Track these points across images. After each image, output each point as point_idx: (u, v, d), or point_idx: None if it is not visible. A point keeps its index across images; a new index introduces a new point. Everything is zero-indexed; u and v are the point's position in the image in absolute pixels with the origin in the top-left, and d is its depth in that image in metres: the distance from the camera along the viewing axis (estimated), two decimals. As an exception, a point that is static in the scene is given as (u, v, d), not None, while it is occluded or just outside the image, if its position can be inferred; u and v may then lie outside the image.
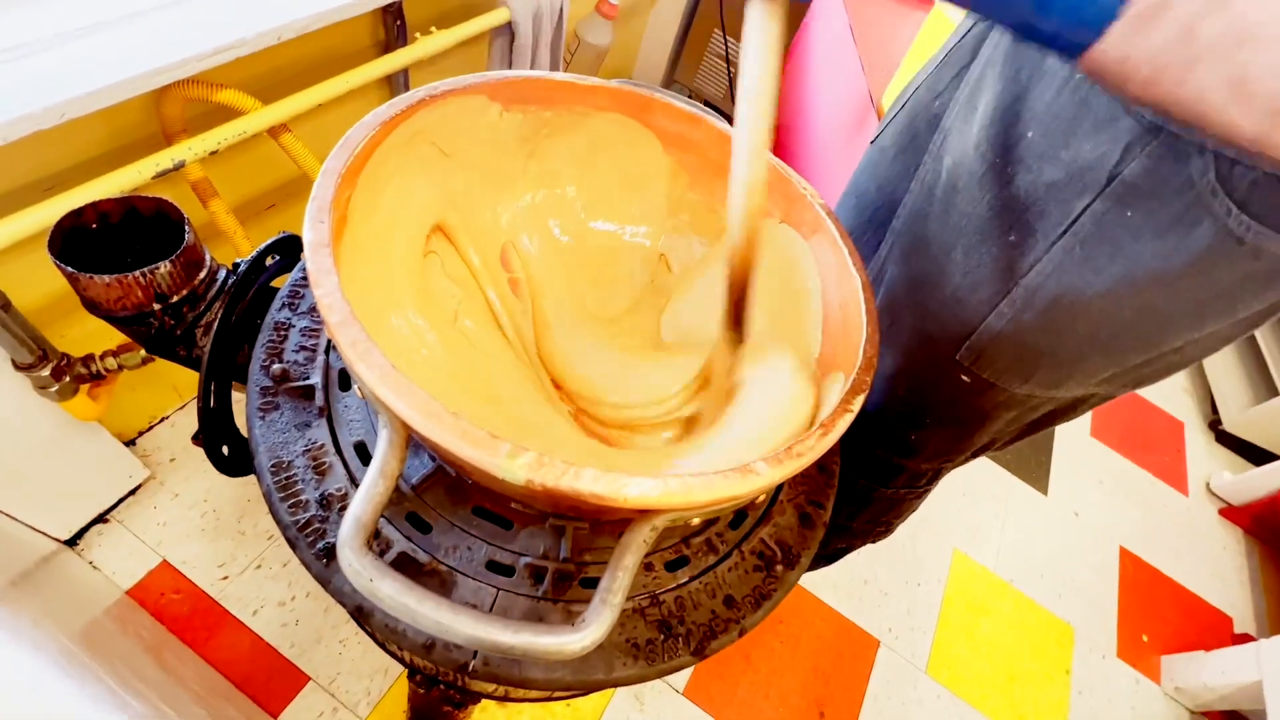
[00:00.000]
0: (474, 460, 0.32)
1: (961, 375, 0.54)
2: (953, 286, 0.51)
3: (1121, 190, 0.40)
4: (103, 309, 0.52)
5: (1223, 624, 1.36)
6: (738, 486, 0.35)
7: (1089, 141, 0.41)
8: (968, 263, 0.50)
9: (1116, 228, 0.41)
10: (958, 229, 0.50)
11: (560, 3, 1.08)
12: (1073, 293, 0.44)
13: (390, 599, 0.31)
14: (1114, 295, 0.43)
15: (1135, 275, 0.41)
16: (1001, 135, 0.46)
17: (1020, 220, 0.45)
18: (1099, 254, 0.42)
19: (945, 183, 0.52)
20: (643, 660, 0.45)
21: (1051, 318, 0.46)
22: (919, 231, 0.55)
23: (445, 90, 0.51)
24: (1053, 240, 0.44)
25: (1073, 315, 0.45)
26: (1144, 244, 0.40)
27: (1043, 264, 0.45)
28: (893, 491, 0.71)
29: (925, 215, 0.54)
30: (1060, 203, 0.43)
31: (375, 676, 0.92)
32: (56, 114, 0.55)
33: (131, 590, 0.91)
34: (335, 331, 0.35)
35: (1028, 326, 0.48)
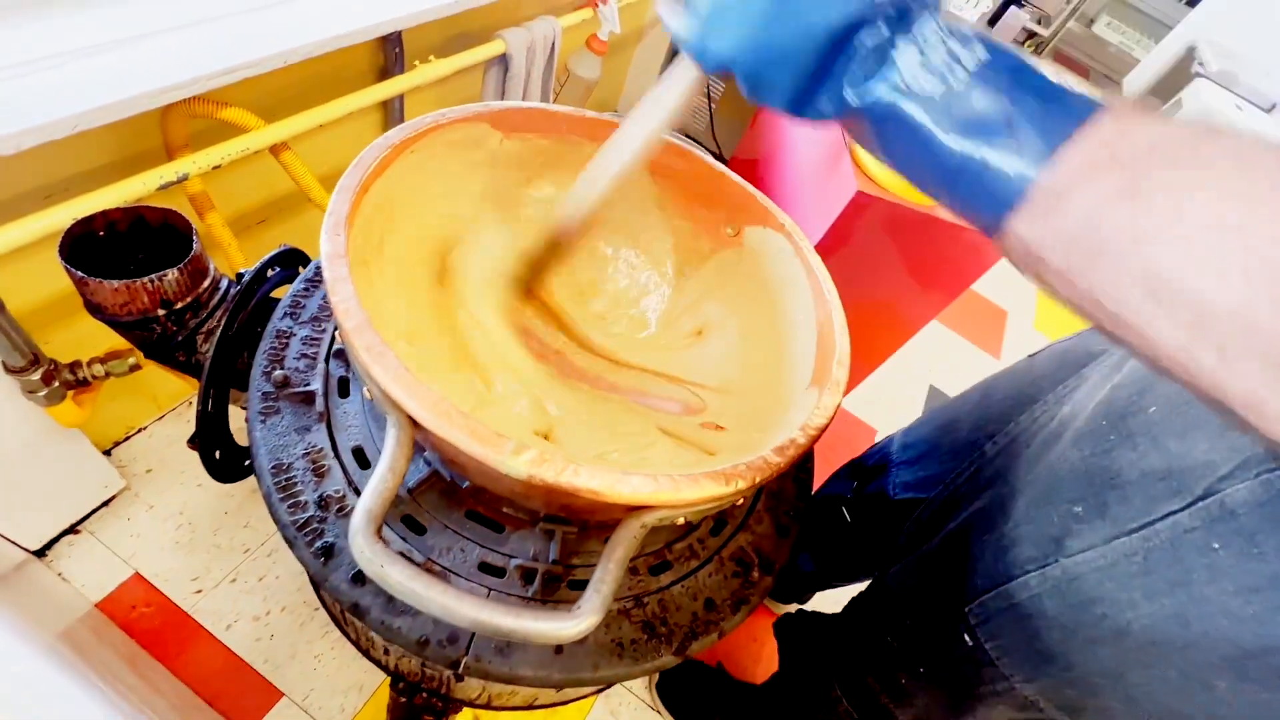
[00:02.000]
0: (480, 456, 0.35)
1: (965, 635, 0.47)
2: (998, 534, 0.45)
3: (1217, 512, 0.32)
4: (108, 313, 0.53)
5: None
6: (723, 487, 0.38)
7: (1206, 441, 0.34)
8: (1024, 515, 0.44)
9: (1195, 555, 0.33)
10: (1034, 479, 0.45)
11: (553, 37, 1.14)
12: (1113, 605, 0.37)
13: (400, 584, 0.33)
14: (1160, 639, 0.35)
15: (1192, 624, 0.33)
16: (1124, 403, 0.41)
17: (1096, 495, 0.39)
18: (1162, 577, 0.34)
19: (1051, 430, 0.47)
20: (628, 659, 0.48)
21: (1078, 621, 0.39)
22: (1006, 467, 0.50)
23: (453, 118, 0.54)
24: (1118, 534, 0.37)
25: (1102, 633, 0.37)
26: (1222, 593, 0.32)
27: (1094, 553, 0.38)
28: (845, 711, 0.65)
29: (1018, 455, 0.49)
30: (1147, 497, 0.36)
31: (350, 692, 0.91)
32: (69, 125, 0.57)
33: (101, 603, 0.89)
34: (351, 336, 0.37)
35: (1050, 614, 0.40)
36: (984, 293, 2.11)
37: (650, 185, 0.65)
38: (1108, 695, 0.39)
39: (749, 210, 0.62)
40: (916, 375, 1.76)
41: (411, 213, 0.54)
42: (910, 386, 1.73)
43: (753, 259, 0.62)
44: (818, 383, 0.50)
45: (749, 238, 0.62)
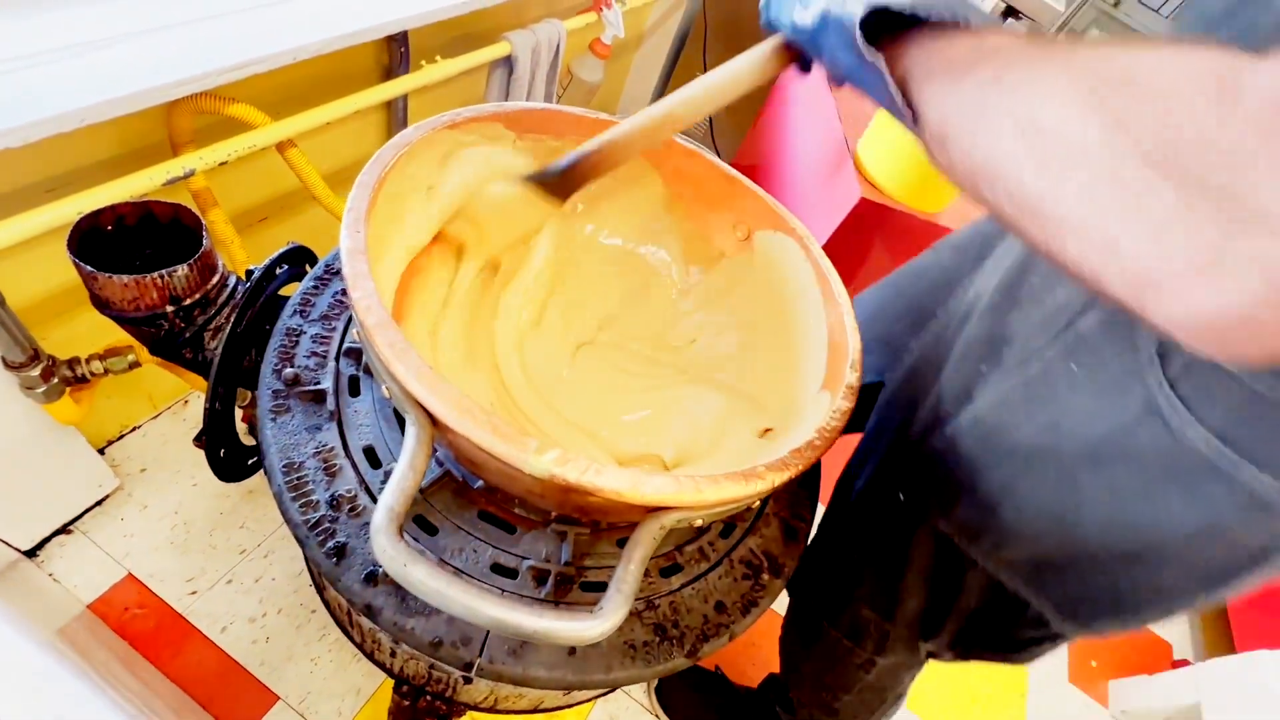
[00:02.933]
0: (503, 455, 0.35)
1: (900, 492, 0.55)
2: (927, 403, 0.53)
3: (1073, 340, 0.41)
4: (115, 309, 0.52)
5: (1163, 650, 1.43)
6: (743, 488, 0.38)
7: (1064, 288, 0.42)
8: (944, 383, 0.51)
9: (1060, 378, 0.41)
10: (948, 350, 0.52)
11: (558, 40, 1.14)
12: (1003, 432, 0.45)
13: (423, 583, 0.33)
14: (1037, 448, 0.43)
15: (1060, 427, 0.41)
16: (1015, 278, 0.48)
17: (995, 353, 0.46)
18: (1037, 400, 0.43)
19: (963, 312, 0.53)
20: (640, 661, 0.48)
21: (979, 452, 0.47)
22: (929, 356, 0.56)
23: (468, 117, 0.54)
24: (1008, 376, 0.45)
25: (997, 456, 0.46)
26: (1079, 399, 0.40)
27: (992, 395, 0.46)
28: (836, 635, 0.68)
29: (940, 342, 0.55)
30: (1024, 344, 0.44)
31: (347, 696, 0.90)
32: (77, 119, 0.57)
33: (94, 604, 0.87)
34: (373, 333, 0.37)
35: (959, 454, 0.48)
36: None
37: (660, 188, 0.65)
38: (1001, 510, 0.46)
39: (760, 213, 0.62)
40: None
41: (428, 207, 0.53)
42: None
43: (763, 262, 0.62)
44: (829, 386, 0.51)
45: (759, 241, 0.63)
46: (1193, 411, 0.35)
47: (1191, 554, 0.40)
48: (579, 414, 0.57)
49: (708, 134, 1.89)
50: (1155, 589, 0.43)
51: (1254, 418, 0.34)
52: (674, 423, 0.58)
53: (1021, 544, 0.47)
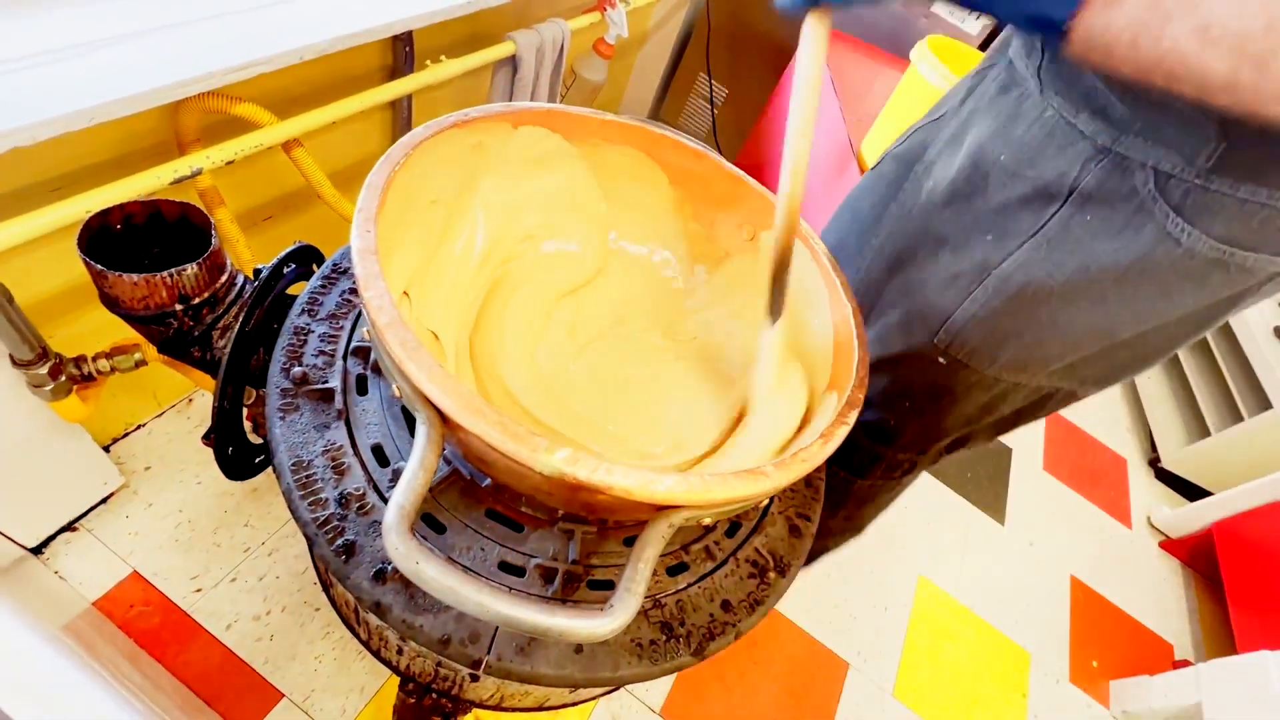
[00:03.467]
0: (513, 453, 0.35)
1: (939, 358, 0.61)
2: (937, 281, 0.59)
3: (1080, 199, 0.49)
4: (124, 307, 0.53)
5: (1164, 650, 1.44)
6: (750, 487, 0.38)
7: (1053, 162, 0.50)
8: (953, 260, 0.58)
9: (1078, 229, 0.49)
10: (943, 235, 0.59)
11: (562, 40, 1.14)
12: (1037, 283, 0.52)
13: (435, 580, 0.33)
14: (1072, 285, 0.51)
15: (1090, 269, 0.50)
16: (983, 162, 0.56)
17: (998, 225, 0.54)
18: (1062, 250, 0.51)
19: (929, 201, 0.60)
20: (646, 659, 0.48)
21: (1018, 304, 0.54)
22: (907, 241, 0.63)
23: (474, 117, 0.54)
24: (1024, 240, 0.52)
25: (1036, 302, 0.53)
26: (1100, 243, 0.49)
27: (1014, 258, 0.53)
28: (870, 483, 0.77)
29: (909, 230, 0.63)
30: (1031, 211, 0.52)
31: (351, 694, 0.90)
32: (86, 118, 0.57)
33: (99, 601, 0.88)
34: (384, 332, 0.37)
35: (997, 311, 0.55)
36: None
37: (667, 188, 0.65)
38: (1046, 343, 0.56)
39: (765, 213, 0.62)
40: (913, 382, 1.78)
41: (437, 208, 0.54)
42: (907, 393, 1.74)
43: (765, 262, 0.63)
44: (835, 387, 0.51)
45: (765, 241, 0.63)
46: (1198, 227, 0.44)
47: (1195, 318, 0.51)
48: (586, 410, 0.57)
49: (710, 134, 1.89)
50: (1166, 344, 0.55)
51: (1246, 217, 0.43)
52: (680, 421, 0.58)
53: (1064, 359, 0.56)
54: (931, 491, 1.53)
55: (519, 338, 0.59)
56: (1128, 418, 1.98)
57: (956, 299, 0.58)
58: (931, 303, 0.60)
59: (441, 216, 0.55)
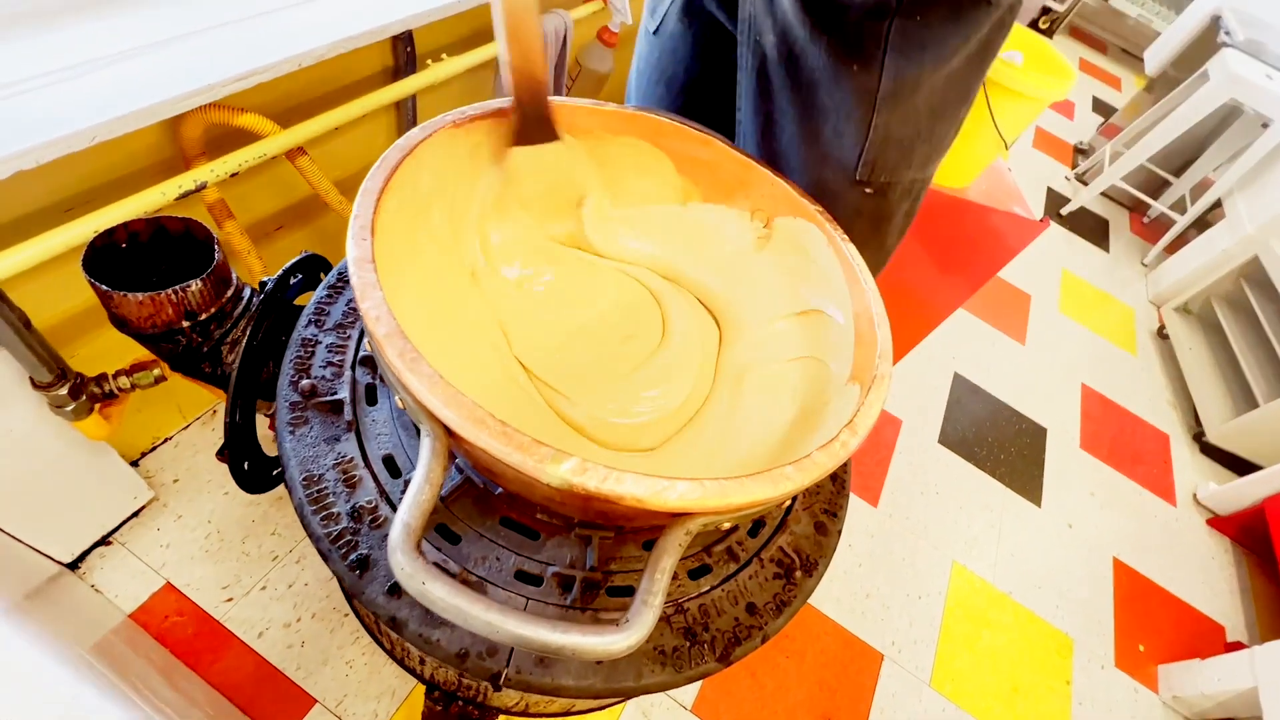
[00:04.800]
0: (519, 465, 0.34)
1: (865, 189, 0.65)
2: (832, 125, 0.62)
3: (907, 5, 0.54)
4: (133, 326, 0.52)
5: (1216, 632, 1.38)
6: (769, 489, 0.36)
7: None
8: (833, 101, 0.61)
9: (917, 30, 0.55)
10: (813, 81, 0.61)
11: (564, 31, 1.12)
12: (910, 84, 0.58)
13: (442, 600, 0.32)
14: (935, 74, 0.57)
15: (943, 58, 0.56)
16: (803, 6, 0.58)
17: (854, 52, 0.57)
18: (914, 51, 0.56)
19: (779, 54, 0.62)
20: (670, 667, 0.46)
21: (906, 109, 0.59)
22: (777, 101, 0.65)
23: (471, 115, 0.53)
24: (881, 56, 0.57)
25: (916, 101, 0.59)
26: (942, 35, 0.55)
27: (885, 74, 0.57)
28: None
29: (774, 88, 0.64)
30: (874, 30, 0.56)
31: (383, 698, 0.91)
32: (87, 137, 0.57)
33: (134, 613, 0.89)
34: (383, 343, 0.36)
35: (898, 123, 0.60)
36: (1008, 278, 2.07)
37: (675, 177, 0.63)
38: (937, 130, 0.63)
39: (778, 199, 0.60)
40: (941, 363, 1.73)
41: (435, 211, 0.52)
42: (934, 375, 1.70)
43: (784, 249, 0.60)
44: (858, 378, 0.49)
45: (779, 228, 0.60)
46: None
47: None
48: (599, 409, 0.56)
49: (721, 119, 1.86)
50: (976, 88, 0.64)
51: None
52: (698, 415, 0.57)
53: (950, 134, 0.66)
54: (962, 475, 1.49)
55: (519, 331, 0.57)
56: (1168, 391, 1.91)
57: (860, 134, 0.61)
58: (840, 146, 0.63)
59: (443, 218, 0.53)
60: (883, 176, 0.64)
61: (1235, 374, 1.75)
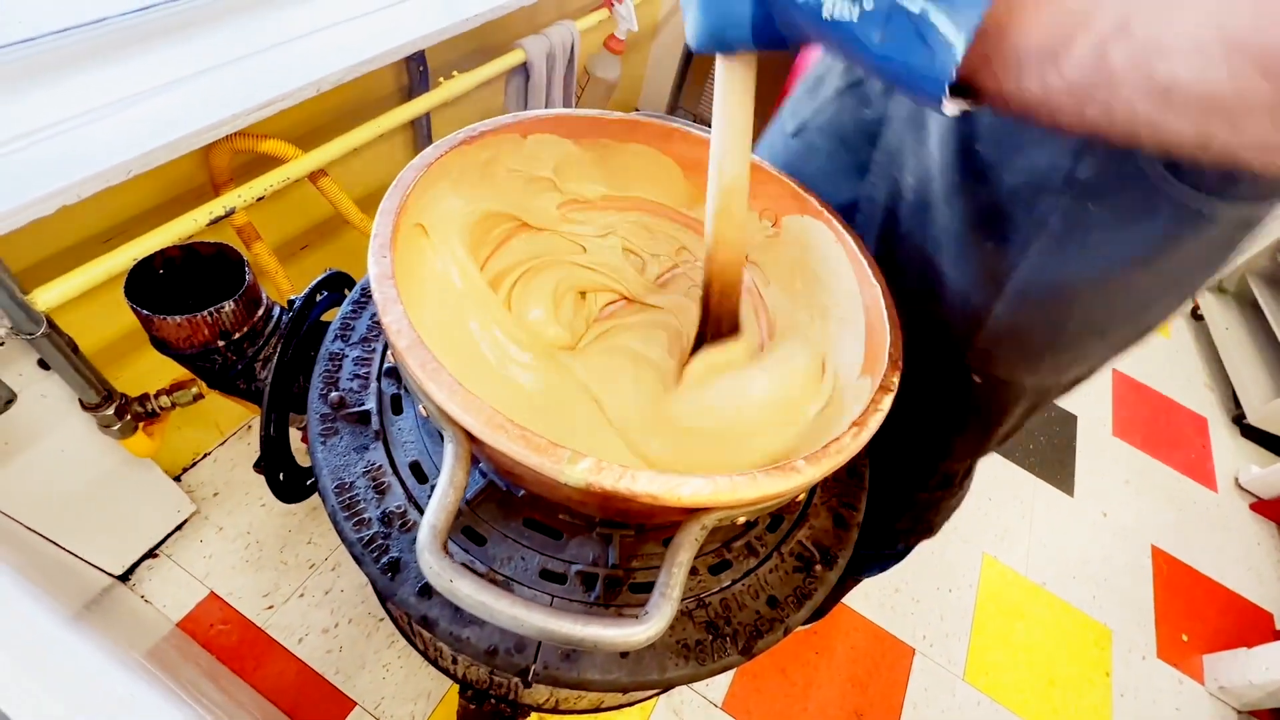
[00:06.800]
0: (537, 466, 0.35)
1: (974, 377, 0.56)
2: (947, 298, 0.54)
3: (1080, 190, 0.43)
4: (172, 347, 0.55)
5: (1263, 620, 1.34)
6: (781, 483, 0.37)
7: (1039, 149, 0.44)
8: (954, 273, 0.52)
9: (1085, 223, 0.44)
10: (937, 243, 0.53)
11: (571, 41, 1.14)
12: (1060, 286, 0.48)
13: (469, 597, 0.33)
14: (1099, 282, 0.46)
15: (1114, 261, 0.45)
16: (960, 153, 0.49)
17: (994, 228, 0.48)
18: (1074, 248, 0.45)
19: (913, 201, 0.54)
20: (694, 660, 0.47)
21: (1046, 312, 0.49)
22: (896, 249, 0.57)
23: (483, 131, 0.54)
24: (1028, 242, 0.47)
25: (1065, 306, 0.49)
26: (1114, 233, 0.44)
27: (1025, 265, 0.48)
28: (928, 495, 0.73)
29: (898, 234, 0.56)
30: (1026, 207, 0.46)
31: (419, 700, 0.93)
32: (124, 170, 0.60)
33: (181, 622, 0.93)
34: (405, 355, 0.38)
35: (1025, 323, 0.50)
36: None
37: (683, 182, 0.64)
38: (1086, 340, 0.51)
39: (784, 198, 0.60)
40: (964, 353, 1.71)
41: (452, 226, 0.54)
42: (958, 365, 1.68)
43: (792, 248, 0.61)
44: (869, 371, 0.49)
45: (787, 227, 0.61)
46: (1224, 198, 0.39)
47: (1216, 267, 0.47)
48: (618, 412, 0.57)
49: (731, 118, 1.86)
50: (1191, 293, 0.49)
51: None
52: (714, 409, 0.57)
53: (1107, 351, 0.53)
54: (990, 466, 1.47)
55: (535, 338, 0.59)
56: (1204, 373, 1.85)
57: (976, 319, 0.52)
58: (949, 324, 0.54)
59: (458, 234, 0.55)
60: (998, 372, 0.55)
61: (1275, 353, 1.69)
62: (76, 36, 0.67)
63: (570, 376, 0.55)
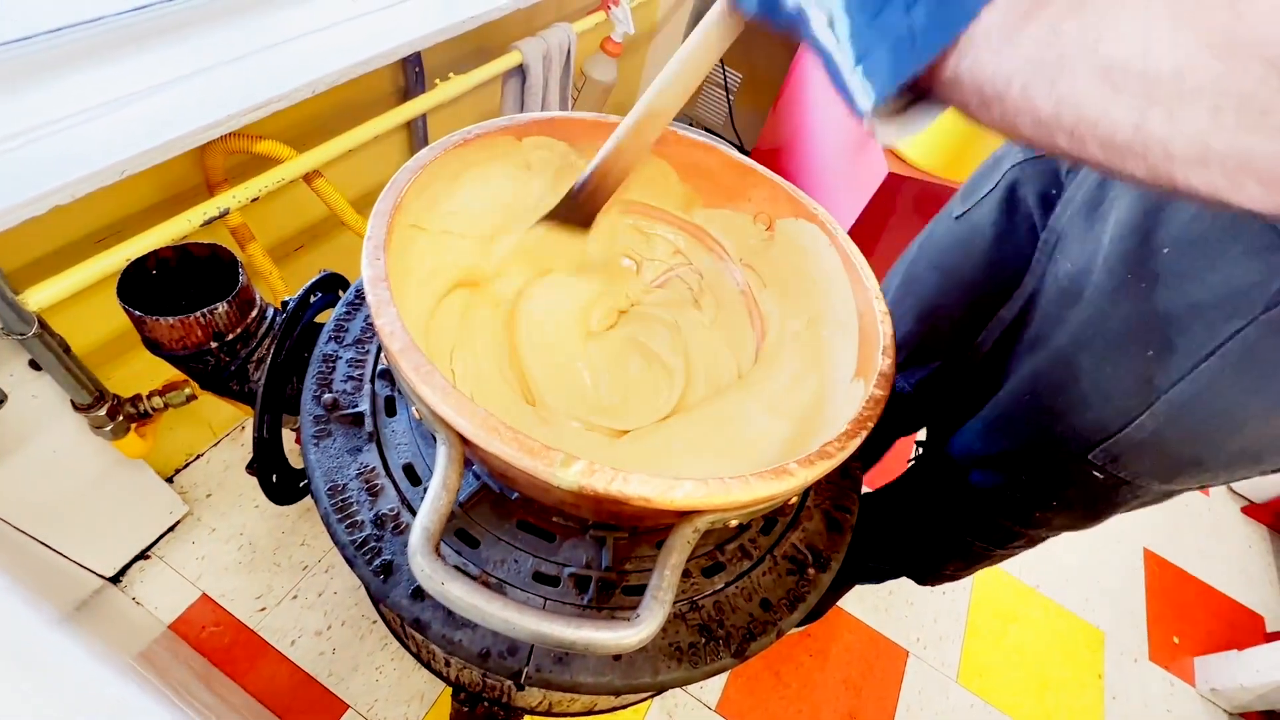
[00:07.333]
0: (530, 469, 0.35)
1: (1094, 472, 0.53)
2: (1081, 393, 0.51)
3: (1276, 318, 0.39)
4: (164, 348, 0.55)
5: (1254, 622, 1.35)
6: (774, 486, 0.37)
7: (1240, 266, 0.41)
8: (1099, 373, 0.49)
9: (1270, 351, 0.41)
10: (1083, 339, 0.50)
11: (568, 44, 1.14)
12: (1225, 411, 0.44)
13: (461, 600, 0.33)
14: (1264, 409, 0.43)
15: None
16: (1136, 251, 0.46)
17: (1161, 337, 0.45)
18: (1253, 375, 0.42)
19: (1065, 289, 0.52)
20: (687, 663, 0.47)
21: (1201, 432, 0.46)
22: (1041, 333, 0.55)
23: (477, 134, 0.55)
24: (1199, 359, 0.43)
25: (1225, 431, 0.45)
26: None
27: (1188, 381, 0.44)
28: (1006, 551, 0.71)
29: (1043, 318, 0.54)
30: (1207, 323, 0.42)
31: (412, 702, 0.93)
32: (117, 171, 0.60)
33: (174, 624, 0.93)
34: (398, 358, 0.38)
35: (1174, 439, 0.47)
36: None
37: (679, 185, 0.64)
38: (1238, 463, 0.47)
39: (779, 201, 0.61)
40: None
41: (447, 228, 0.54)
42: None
43: (786, 251, 0.61)
44: (862, 374, 0.49)
45: (781, 230, 0.61)
46: None
47: None
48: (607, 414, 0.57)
49: (728, 122, 1.87)
50: None
51: None
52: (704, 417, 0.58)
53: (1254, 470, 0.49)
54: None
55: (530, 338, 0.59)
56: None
57: (1115, 421, 0.49)
58: (1083, 418, 0.51)
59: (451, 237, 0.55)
60: (1124, 475, 0.51)
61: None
62: (71, 36, 0.67)
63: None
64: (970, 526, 0.70)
